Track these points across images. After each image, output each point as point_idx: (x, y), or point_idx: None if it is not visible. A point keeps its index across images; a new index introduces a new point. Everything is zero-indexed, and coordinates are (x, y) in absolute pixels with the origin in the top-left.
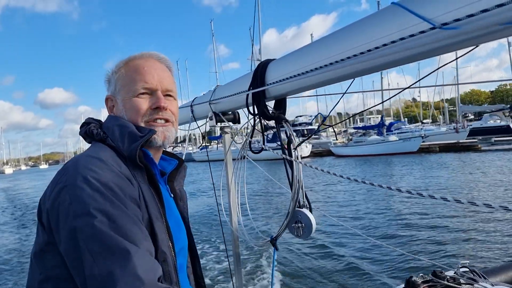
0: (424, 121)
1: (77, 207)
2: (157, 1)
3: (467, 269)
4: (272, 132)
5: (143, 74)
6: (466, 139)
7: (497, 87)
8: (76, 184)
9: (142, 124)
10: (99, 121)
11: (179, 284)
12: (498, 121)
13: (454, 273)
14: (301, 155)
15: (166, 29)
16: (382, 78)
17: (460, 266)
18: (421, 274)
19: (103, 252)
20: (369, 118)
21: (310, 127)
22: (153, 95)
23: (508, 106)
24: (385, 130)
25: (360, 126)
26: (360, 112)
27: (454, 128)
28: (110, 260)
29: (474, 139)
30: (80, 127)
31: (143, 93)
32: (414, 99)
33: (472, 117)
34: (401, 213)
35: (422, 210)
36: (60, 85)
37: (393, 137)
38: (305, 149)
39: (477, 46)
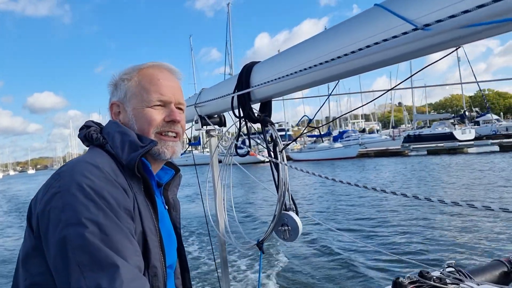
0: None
1: (69, 215)
2: (149, 5)
3: (453, 269)
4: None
5: (158, 85)
6: (400, 145)
7: (475, 92)
8: (70, 190)
9: (152, 135)
10: (100, 125)
11: None
12: (446, 128)
13: (440, 273)
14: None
15: (158, 34)
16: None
17: (446, 266)
18: (408, 275)
19: (91, 265)
20: (353, 123)
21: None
22: (166, 107)
23: (452, 115)
24: (332, 138)
25: (314, 134)
26: (339, 117)
27: (390, 136)
28: (98, 274)
29: (406, 144)
30: (80, 130)
31: (157, 105)
32: (400, 103)
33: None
34: (387, 215)
35: (407, 211)
36: (51, 89)
37: (338, 144)
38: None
39: (459, 47)
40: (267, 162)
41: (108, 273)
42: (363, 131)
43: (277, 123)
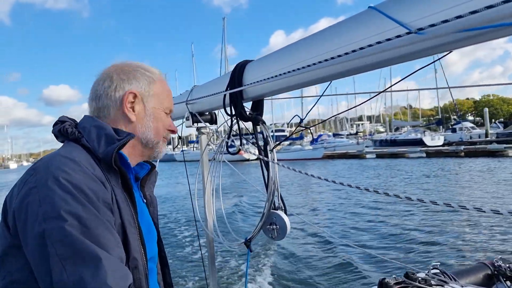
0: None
1: (47, 209)
2: (166, 0)
3: (438, 271)
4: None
5: (169, 96)
6: (364, 148)
7: (480, 98)
8: (46, 184)
9: (161, 138)
10: (74, 120)
11: None
12: (418, 134)
13: (426, 275)
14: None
15: (174, 29)
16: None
17: (431, 267)
18: (393, 276)
19: (73, 258)
20: (358, 124)
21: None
22: (168, 116)
23: (424, 123)
24: (303, 142)
25: (294, 137)
26: (330, 118)
27: (356, 140)
28: (80, 267)
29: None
30: (54, 125)
31: (167, 113)
32: (410, 106)
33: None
34: (372, 215)
35: (393, 211)
36: (66, 83)
37: (308, 147)
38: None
39: (451, 52)
40: (252, 160)
41: (90, 265)
42: (356, 133)
43: (275, 123)
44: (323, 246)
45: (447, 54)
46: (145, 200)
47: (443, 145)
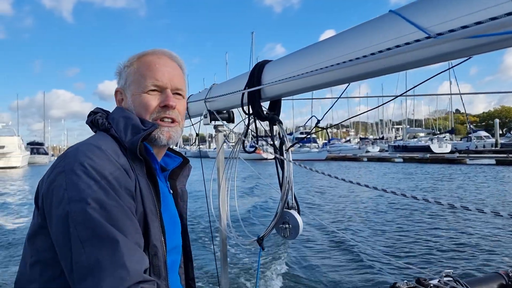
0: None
1: (72, 193)
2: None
3: (451, 278)
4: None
5: (154, 71)
6: (365, 152)
7: None
8: (73, 170)
9: (150, 121)
10: (107, 111)
11: (167, 280)
12: (429, 141)
13: (438, 281)
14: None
15: (224, 29)
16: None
17: (444, 274)
18: (405, 281)
19: (92, 240)
20: (397, 128)
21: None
22: (162, 93)
23: (446, 131)
24: (311, 145)
25: (305, 140)
26: (345, 120)
27: (358, 145)
28: (99, 248)
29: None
30: (88, 116)
31: (153, 90)
32: (457, 110)
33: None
34: (388, 218)
35: (410, 216)
36: None
37: (314, 149)
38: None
39: (470, 57)
40: (270, 159)
41: (108, 247)
42: (382, 138)
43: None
44: (335, 247)
45: (467, 59)
46: (171, 191)
47: (450, 152)
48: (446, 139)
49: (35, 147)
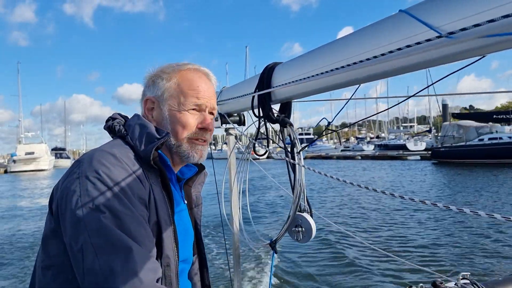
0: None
1: (86, 200)
2: (237, 0)
3: (468, 281)
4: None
5: (196, 90)
6: (340, 151)
7: None
8: (87, 177)
9: (185, 140)
10: (125, 117)
11: None
12: (406, 140)
13: (455, 285)
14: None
15: (243, 29)
16: None
17: (461, 277)
18: (421, 284)
19: (105, 247)
20: (406, 126)
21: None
22: (200, 112)
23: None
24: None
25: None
26: (360, 121)
27: (334, 144)
28: (112, 256)
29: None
30: (106, 121)
31: (193, 109)
32: (471, 106)
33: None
34: (402, 220)
35: (425, 219)
36: (140, 82)
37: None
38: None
39: (483, 57)
40: (262, 158)
41: (121, 255)
42: (377, 137)
43: (300, 128)
44: (349, 249)
45: (479, 59)
46: (186, 201)
47: (425, 150)
48: (427, 138)
49: (58, 152)
